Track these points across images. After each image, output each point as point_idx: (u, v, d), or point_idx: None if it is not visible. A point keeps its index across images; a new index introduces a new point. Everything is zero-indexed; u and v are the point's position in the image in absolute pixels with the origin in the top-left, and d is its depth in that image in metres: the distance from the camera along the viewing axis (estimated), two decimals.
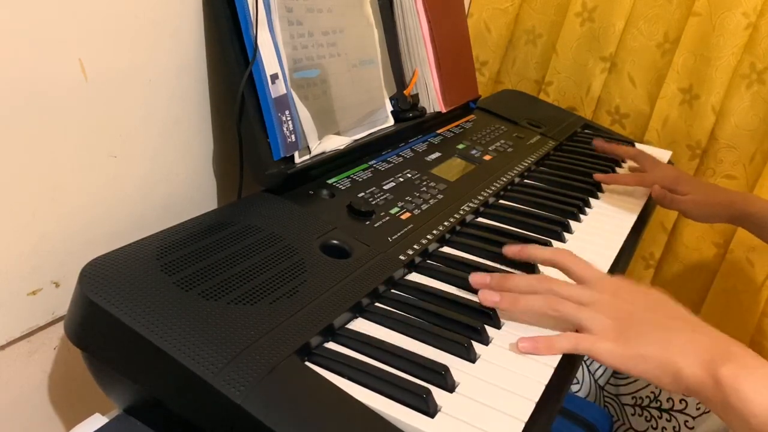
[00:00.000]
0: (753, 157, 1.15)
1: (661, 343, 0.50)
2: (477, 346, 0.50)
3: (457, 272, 0.60)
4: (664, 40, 1.18)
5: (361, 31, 0.78)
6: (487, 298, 0.54)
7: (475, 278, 0.57)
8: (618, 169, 1.03)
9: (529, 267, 0.63)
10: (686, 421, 0.77)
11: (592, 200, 0.84)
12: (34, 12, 0.49)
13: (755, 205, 0.87)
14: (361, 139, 0.75)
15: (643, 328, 0.51)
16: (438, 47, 0.90)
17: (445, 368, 0.46)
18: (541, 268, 0.63)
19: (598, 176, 0.92)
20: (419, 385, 0.44)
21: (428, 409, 0.42)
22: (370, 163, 0.76)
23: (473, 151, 0.89)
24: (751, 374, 0.46)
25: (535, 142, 1.00)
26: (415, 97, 0.88)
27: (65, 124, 0.54)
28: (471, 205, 0.73)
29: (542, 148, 0.99)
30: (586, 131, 1.17)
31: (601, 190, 0.90)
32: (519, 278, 0.56)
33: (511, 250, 0.61)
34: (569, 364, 0.51)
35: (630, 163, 1.08)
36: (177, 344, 0.42)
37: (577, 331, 0.53)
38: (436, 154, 0.84)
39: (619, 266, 0.70)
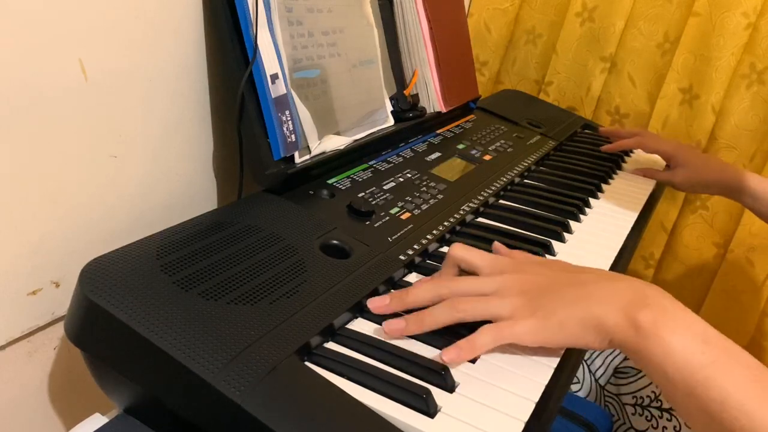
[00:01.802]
0: (753, 157, 1.15)
1: (578, 300, 0.48)
2: None
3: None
4: (664, 40, 1.18)
5: (361, 31, 0.78)
6: (392, 328, 0.49)
7: (373, 304, 0.52)
8: (622, 164, 1.03)
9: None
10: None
11: (592, 200, 0.84)
12: (34, 12, 0.49)
13: (751, 179, 0.90)
14: (361, 139, 0.75)
15: (556, 293, 0.49)
16: (438, 47, 0.90)
17: (445, 368, 0.46)
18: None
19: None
20: (419, 385, 0.44)
21: (428, 409, 0.42)
22: (370, 163, 0.76)
23: (473, 151, 0.89)
24: (671, 319, 0.44)
25: (535, 142, 1.00)
26: (415, 97, 0.88)
27: (65, 124, 0.54)
28: (471, 205, 0.73)
29: (542, 148, 0.99)
30: (586, 131, 1.17)
31: (601, 190, 0.90)
32: (418, 290, 0.52)
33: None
34: (569, 364, 0.51)
35: (633, 156, 1.09)
36: (177, 344, 0.42)
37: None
38: (436, 154, 0.84)
39: (619, 266, 0.70)
